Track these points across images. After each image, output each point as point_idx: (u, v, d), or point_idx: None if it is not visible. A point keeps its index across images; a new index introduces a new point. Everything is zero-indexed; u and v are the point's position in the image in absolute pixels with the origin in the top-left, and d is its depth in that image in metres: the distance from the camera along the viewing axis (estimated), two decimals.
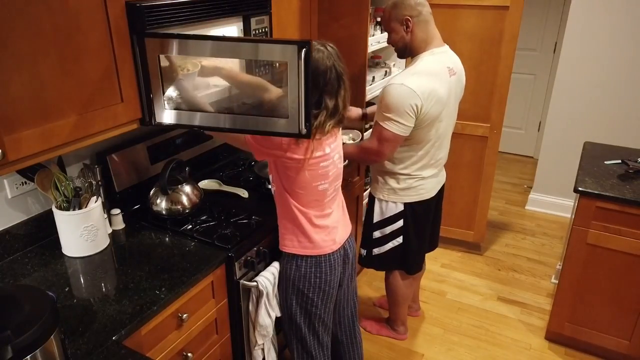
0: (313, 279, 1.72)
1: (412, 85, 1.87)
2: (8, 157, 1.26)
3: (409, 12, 1.93)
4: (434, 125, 2.01)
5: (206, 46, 1.47)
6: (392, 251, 2.27)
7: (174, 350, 1.58)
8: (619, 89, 3.33)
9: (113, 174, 1.88)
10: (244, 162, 2.43)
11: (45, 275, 1.58)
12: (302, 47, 1.35)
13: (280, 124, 1.49)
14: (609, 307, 2.33)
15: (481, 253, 3.38)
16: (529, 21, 4.22)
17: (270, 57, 1.49)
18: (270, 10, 2.01)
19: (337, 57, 1.58)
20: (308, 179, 1.62)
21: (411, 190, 2.15)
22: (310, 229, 1.70)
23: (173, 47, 1.51)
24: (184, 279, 1.56)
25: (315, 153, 1.60)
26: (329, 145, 1.64)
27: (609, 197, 2.15)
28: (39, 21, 1.26)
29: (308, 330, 1.80)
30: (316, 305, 1.76)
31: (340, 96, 1.60)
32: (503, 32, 2.75)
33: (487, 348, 2.57)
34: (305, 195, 1.65)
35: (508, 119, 3.71)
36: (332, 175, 1.68)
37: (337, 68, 1.57)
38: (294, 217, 1.69)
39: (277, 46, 1.41)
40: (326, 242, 1.72)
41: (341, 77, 1.59)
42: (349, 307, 1.97)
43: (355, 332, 2.03)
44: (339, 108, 1.61)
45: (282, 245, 1.76)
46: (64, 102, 1.37)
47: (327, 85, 1.56)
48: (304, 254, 1.72)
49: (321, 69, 1.54)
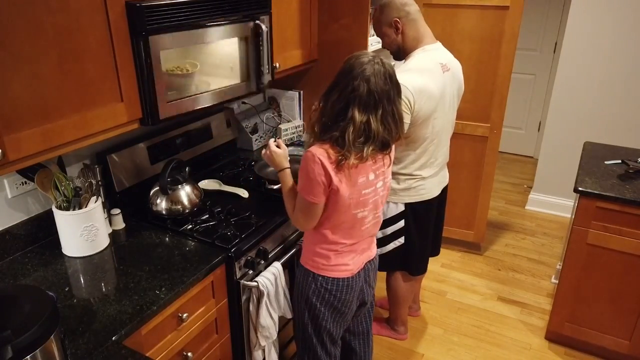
0: (327, 296, 1.67)
1: (403, 82, 1.87)
2: (8, 157, 1.26)
3: (396, 14, 1.94)
4: (429, 122, 2.00)
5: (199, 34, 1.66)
6: (394, 252, 2.26)
7: (174, 350, 1.58)
8: (619, 89, 3.33)
9: (113, 173, 1.88)
10: (244, 162, 2.43)
11: (45, 275, 1.58)
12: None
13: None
14: (609, 307, 2.33)
15: (481, 253, 3.38)
16: (529, 21, 4.21)
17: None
18: (270, 10, 2.02)
19: (382, 75, 1.46)
20: (347, 205, 1.54)
21: (411, 190, 2.14)
22: (334, 255, 1.63)
23: (173, 41, 1.55)
24: (184, 279, 1.56)
25: (359, 178, 1.53)
26: (373, 172, 1.57)
27: (609, 197, 2.15)
28: (39, 21, 1.26)
29: (317, 341, 1.77)
30: (326, 320, 1.71)
31: (377, 116, 1.46)
32: (503, 32, 2.75)
33: (487, 348, 2.57)
34: (341, 222, 1.58)
35: (508, 119, 3.70)
36: (372, 203, 1.61)
37: (371, 84, 1.44)
38: (320, 240, 1.62)
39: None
40: (348, 266, 1.67)
41: (374, 94, 1.44)
42: (366, 320, 1.94)
43: (369, 341, 2.01)
44: (375, 129, 1.46)
45: (302, 259, 1.72)
46: (64, 101, 1.37)
47: (354, 93, 1.44)
48: (322, 274, 1.66)
49: (352, 73, 1.45)
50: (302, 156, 1.52)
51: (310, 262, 1.68)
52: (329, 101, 1.50)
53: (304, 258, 1.72)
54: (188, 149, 2.21)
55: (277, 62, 2.20)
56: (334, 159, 1.47)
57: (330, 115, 1.50)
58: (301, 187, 1.54)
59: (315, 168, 1.48)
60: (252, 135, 2.60)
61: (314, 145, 1.51)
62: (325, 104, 1.52)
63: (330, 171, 1.47)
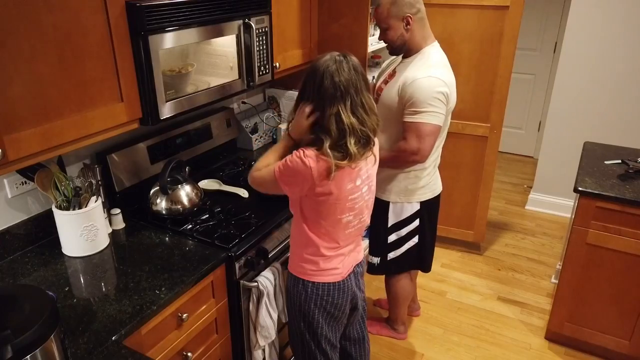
0: (320, 301, 1.66)
1: (438, 75, 1.92)
2: (8, 157, 1.26)
3: (409, 10, 1.94)
4: (450, 114, 2.06)
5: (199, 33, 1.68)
6: (408, 252, 2.27)
7: (174, 350, 1.58)
8: (619, 89, 3.33)
9: (113, 173, 1.88)
10: (243, 162, 2.43)
11: (45, 275, 1.58)
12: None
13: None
14: (609, 306, 2.33)
15: (481, 253, 3.38)
16: (529, 21, 4.21)
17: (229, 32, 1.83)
18: (270, 10, 2.02)
19: (345, 67, 1.44)
20: (333, 210, 1.53)
21: (428, 186, 2.16)
22: (322, 260, 1.62)
23: (173, 41, 1.55)
24: (184, 278, 1.56)
25: (347, 185, 1.51)
26: (360, 177, 1.55)
27: (609, 197, 2.15)
28: (39, 21, 1.26)
29: (317, 348, 1.75)
30: (322, 327, 1.70)
31: (346, 108, 1.43)
32: (503, 32, 2.75)
33: (487, 348, 2.57)
34: (326, 226, 1.57)
35: (508, 119, 3.70)
36: (358, 208, 1.59)
37: (335, 76, 1.42)
38: (307, 245, 1.61)
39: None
40: (337, 269, 1.65)
41: (339, 85, 1.42)
42: (360, 325, 1.92)
43: (366, 346, 2.00)
44: (347, 122, 1.42)
45: (290, 266, 1.70)
46: (63, 101, 1.37)
47: (320, 89, 1.44)
48: (312, 280, 1.64)
49: (316, 73, 1.45)
50: (294, 152, 1.48)
51: (299, 268, 1.66)
52: (299, 106, 1.50)
53: (291, 265, 1.70)
54: (188, 149, 2.21)
55: (277, 61, 2.20)
56: (324, 168, 1.44)
57: (304, 120, 1.49)
58: (281, 171, 1.50)
59: (303, 175, 1.46)
60: (252, 135, 2.60)
61: (304, 149, 1.47)
62: (298, 110, 1.51)
63: (315, 180, 1.45)
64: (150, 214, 1.90)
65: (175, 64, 1.67)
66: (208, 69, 1.82)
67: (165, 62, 1.61)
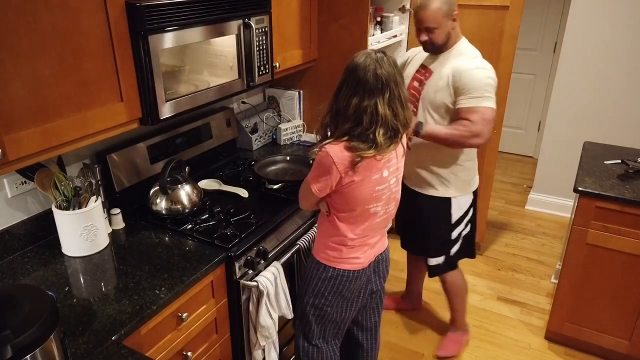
0: (335, 284, 1.70)
1: (486, 66, 1.99)
2: (8, 157, 1.26)
3: (454, 8, 2.00)
4: None
5: (199, 33, 1.69)
6: (463, 242, 2.31)
7: (173, 349, 1.58)
8: (619, 89, 3.33)
9: (113, 173, 1.88)
10: (243, 161, 2.43)
11: (45, 275, 1.58)
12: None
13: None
14: (609, 306, 2.33)
15: (481, 253, 3.37)
16: (529, 21, 4.21)
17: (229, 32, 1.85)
18: (270, 10, 2.02)
19: (386, 61, 1.49)
20: (360, 200, 1.57)
21: (477, 176, 2.24)
22: (346, 248, 1.67)
23: (173, 40, 1.55)
24: (183, 278, 1.56)
25: (373, 175, 1.55)
26: (387, 169, 1.59)
27: (609, 197, 2.15)
28: (39, 21, 1.26)
29: (317, 327, 1.79)
30: (331, 305, 1.74)
31: (384, 99, 1.48)
32: (503, 32, 2.75)
33: (487, 348, 2.57)
34: (354, 217, 1.61)
35: (508, 119, 3.71)
36: (385, 199, 1.63)
37: (377, 69, 1.47)
38: (334, 234, 1.66)
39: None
40: (359, 259, 1.70)
41: (380, 78, 1.46)
42: (374, 314, 1.95)
43: (377, 337, 2.02)
44: (382, 113, 1.47)
45: (315, 251, 1.75)
46: (63, 101, 1.37)
47: (361, 82, 1.48)
48: (332, 266, 1.70)
49: (358, 67, 1.49)
50: (318, 152, 1.54)
51: (322, 254, 1.71)
52: (338, 97, 1.53)
53: (316, 249, 1.75)
54: (188, 149, 2.21)
55: (277, 61, 2.20)
56: (348, 160, 1.49)
57: (340, 111, 1.52)
58: (311, 176, 1.58)
59: (327, 168, 1.51)
60: (252, 135, 2.60)
61: (328, 143, 1.52)
62: (336, 101, 1.54)
63: (341, 172, 1.50)
64: (150, 214, 1.90)
65: (177, 63, 1.67)
66: (208, 68, 1.82)
67: (166, 61, 1.61)
